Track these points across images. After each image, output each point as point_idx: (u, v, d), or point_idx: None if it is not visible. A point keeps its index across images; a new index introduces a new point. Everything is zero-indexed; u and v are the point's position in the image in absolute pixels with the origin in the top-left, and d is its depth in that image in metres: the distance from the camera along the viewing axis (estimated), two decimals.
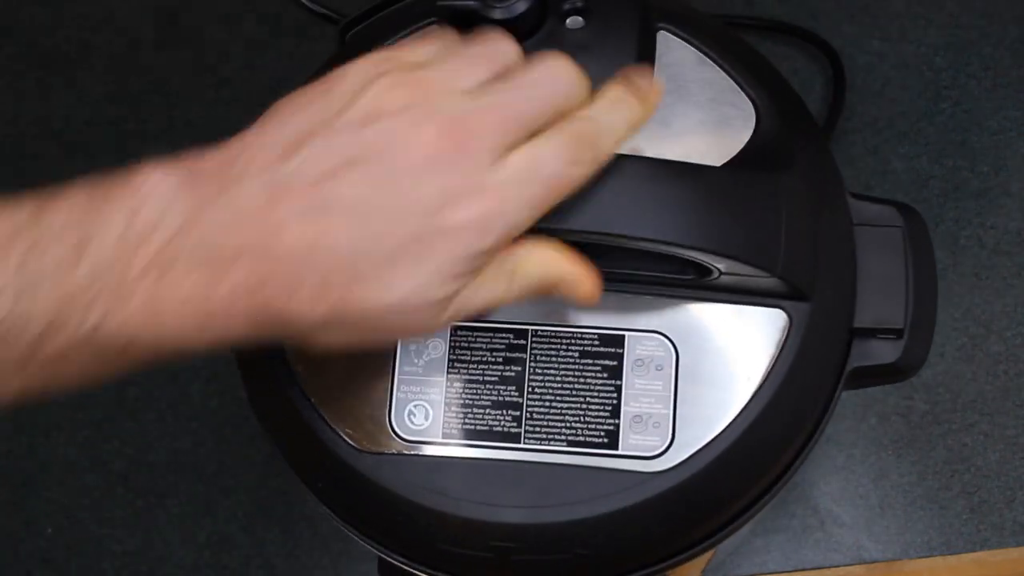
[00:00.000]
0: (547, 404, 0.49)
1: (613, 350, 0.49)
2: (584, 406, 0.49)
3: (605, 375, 0.49)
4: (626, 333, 0.50)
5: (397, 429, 0.50)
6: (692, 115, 0.51)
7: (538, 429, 0.49)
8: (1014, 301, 0.79)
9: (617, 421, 0.49)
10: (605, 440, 0.49)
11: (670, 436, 0.49)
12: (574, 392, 0.49)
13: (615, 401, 0.49)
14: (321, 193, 0.39)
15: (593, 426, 0.49)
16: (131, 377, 0.79)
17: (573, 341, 0.50)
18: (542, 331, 0.50)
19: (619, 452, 0.49)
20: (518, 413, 0.49)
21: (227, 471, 0.79)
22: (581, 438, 0.49)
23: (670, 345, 0.49)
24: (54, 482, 0.80)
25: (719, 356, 0.49)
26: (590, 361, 0.50)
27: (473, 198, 0.40)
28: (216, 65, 0.89)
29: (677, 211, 0.45)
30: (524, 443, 0.49)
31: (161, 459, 0.80)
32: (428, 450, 0.50)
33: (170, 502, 0.79)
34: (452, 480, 0.49)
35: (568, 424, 0.49)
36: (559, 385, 0.50)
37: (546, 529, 0.49)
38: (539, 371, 0.50)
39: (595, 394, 0.49)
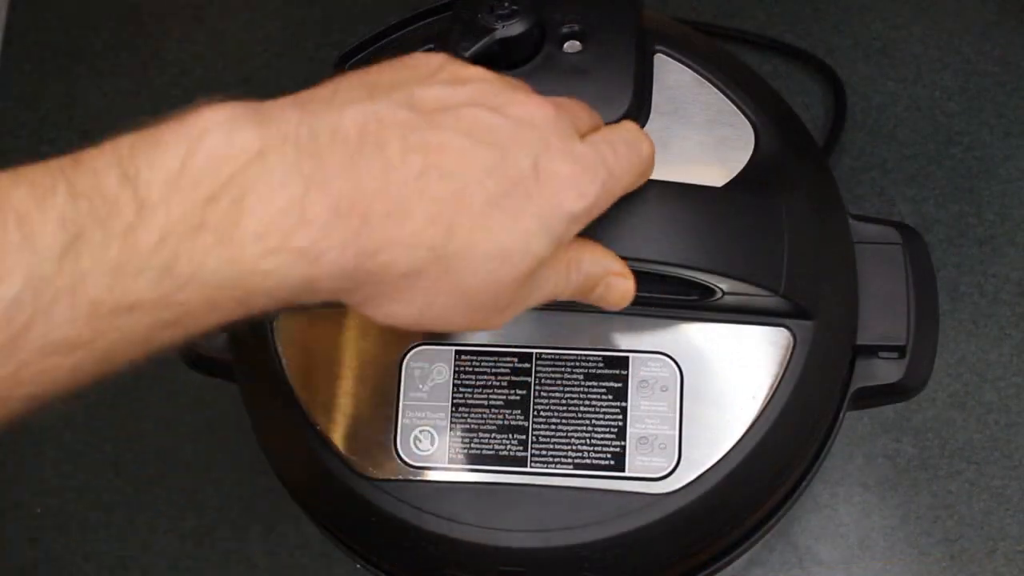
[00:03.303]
0: (553, 427, 0.49)
1: (618, 372, 0.49)
2: (590, 428, 0.49)
3: (610, 397, 0.49)
4: (630, 355, 0.50)
5: (403, 455, 0.50)
6: (691, 136, 0.52)
7: (544, 453, 0.49)
8: (1010, 351, 0.78)
9: (623, 443, 0.49)
10: (611, 462, 0.49)
11: (676, 457, 0.49)
12: (579, 415, 0.49)
13: (620, 423, 0.49)
14: (434, 120, 0.38)
15: (599, 448, 0.49)
16: (126, 367, 0.80)
17: (578, 363, 0.50)
18: (546, 354, 0.50)
19: (626, 474, 0.49)
20: (524, 437, 0.49)
21: (216, 465, 0.79)
22: (587, 461, 0.49)
23: (675, 366, 0.49)
24: (46, 463, 0.81)
25: (724, 376, 0.49)
26: (595, 383, 0.50)
27: (567, 158, 0.40)
28: (239, 63, 0.89)
29: (680, 232, 0.45)
30: (530, 467, 0.49)
31: (152, 447, 0.80)
32: (434, 475, 0.49)
33: (157, 490, 0.79)
34: (459, 505, 0.49)
35: (574, 447, 0.49)
36: (564, 408, 0.50)
37: (554, 553, 0.48)
38: (544, 394, 0.50)
39: (600, 416, 0.49)
